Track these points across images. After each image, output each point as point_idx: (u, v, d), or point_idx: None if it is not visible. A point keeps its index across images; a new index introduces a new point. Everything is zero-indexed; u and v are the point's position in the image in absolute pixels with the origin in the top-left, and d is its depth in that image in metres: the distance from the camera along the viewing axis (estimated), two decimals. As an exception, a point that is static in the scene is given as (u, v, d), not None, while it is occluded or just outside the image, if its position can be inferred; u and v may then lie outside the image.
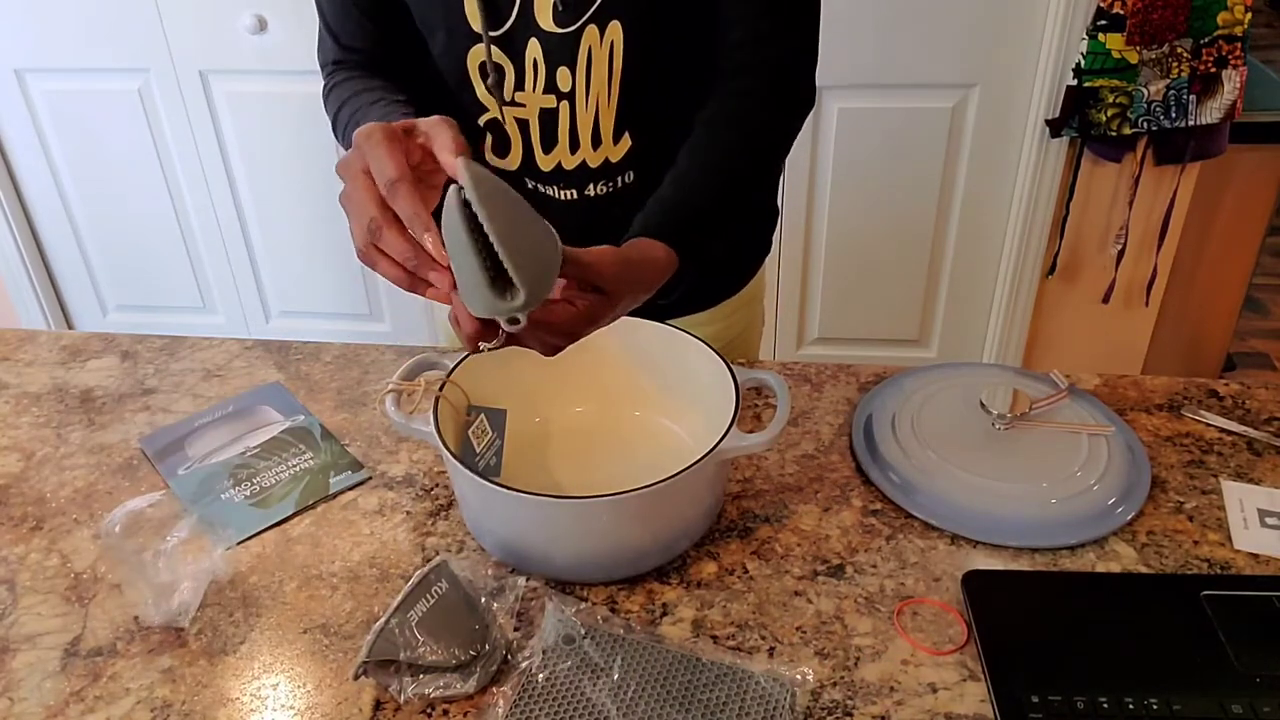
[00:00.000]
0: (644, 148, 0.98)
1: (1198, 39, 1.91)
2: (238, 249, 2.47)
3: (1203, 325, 2.38)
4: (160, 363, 1.15)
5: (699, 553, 0.87)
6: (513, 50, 0.92)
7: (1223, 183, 2.15)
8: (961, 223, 2.25)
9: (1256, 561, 0.85)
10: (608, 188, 0.99)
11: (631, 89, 0.94)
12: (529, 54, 0.91)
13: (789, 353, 2.46)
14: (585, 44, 0.90)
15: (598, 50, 0.91)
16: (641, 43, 0.91)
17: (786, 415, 0.83)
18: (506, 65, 0.92)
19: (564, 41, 0.90)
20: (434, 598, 0.76)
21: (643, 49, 0.91)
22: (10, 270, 2.53)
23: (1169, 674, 0.74)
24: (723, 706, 0.73)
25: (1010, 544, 0.86)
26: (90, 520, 0.92)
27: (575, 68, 0.92)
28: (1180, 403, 1.04)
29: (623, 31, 0.90)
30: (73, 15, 2.19)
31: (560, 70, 0.92)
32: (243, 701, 0.75)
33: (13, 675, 0.78)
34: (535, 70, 0.92)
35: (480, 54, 0.92)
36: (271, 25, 2.13)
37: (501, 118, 0.96)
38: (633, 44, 0.91)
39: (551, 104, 0.94)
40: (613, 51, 0.91)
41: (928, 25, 2.01)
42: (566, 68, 0.92)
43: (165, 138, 2.33)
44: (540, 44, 0.91)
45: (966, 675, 0.76)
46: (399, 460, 0.99)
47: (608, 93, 0.93)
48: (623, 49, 0.91)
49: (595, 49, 0.91)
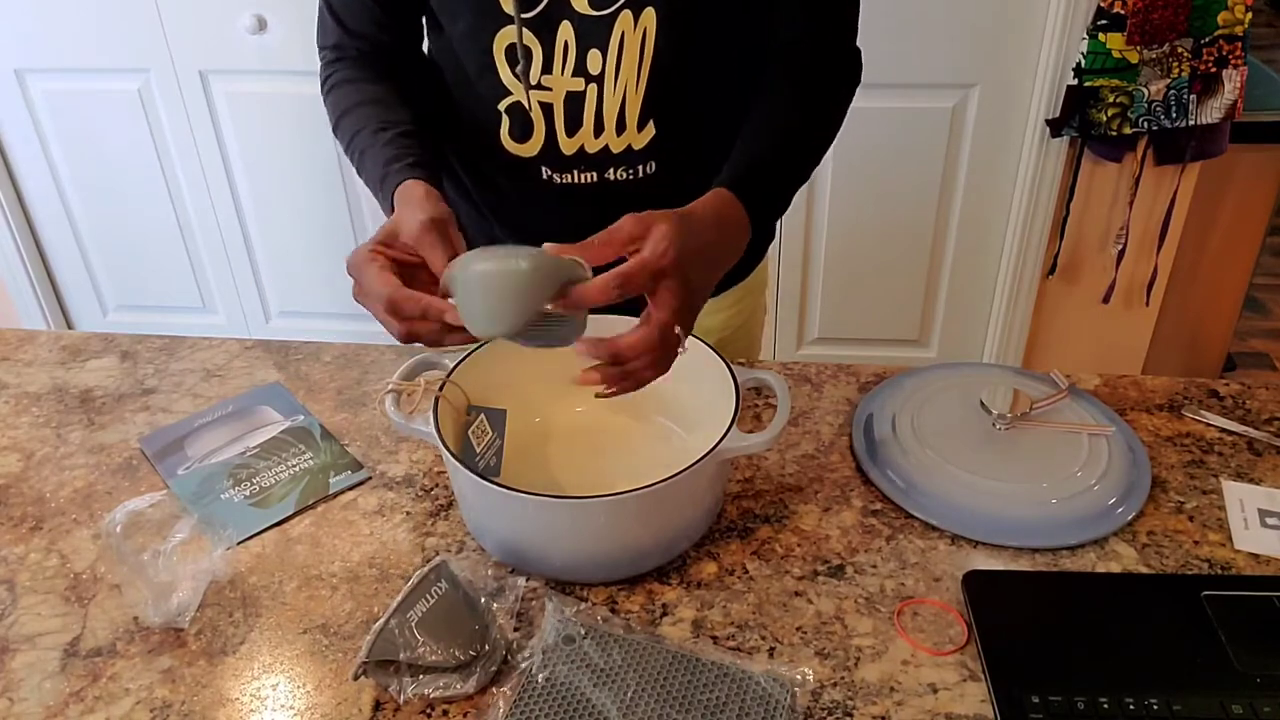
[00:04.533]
0: (667, 138, 0.97)
1: (1198, 39, 1.91)
2: (238, 249, 2.47)
3: (1203, 325, 2.38)
4: (160, 363, 1.15)
5: (699, 553, 0.87)
6: (543, 33, 0.91)
7: (1223, 183, 2.15)
8: (961, 223, 2.25)
9: (1257, 561, 0.85)
10: (628, 174, 0.99)
11: (660, 76, 0.93)
12: (560, 36, 0.91)
13: (789, 353, 2.46)
14: (619, 28, 0.90)
15: (630, 35, 0.90)
16: (674, 30, 0.91)
17: (786, 415, 0.83)
18: (535, 48, 0.92)
19: (597, 24, 0.90)
20: (434, 598, 0.76)
21: (675, 37, 0.91)
22: (10, 270, 2.53)
23: (1169, 674, 0.74)
24: (723, 706, 0.73)
25: (1010, 544, 0.86)
26: (90, 520, 0.92)
27: (606, 51, 0.91)
28: (1180, 403, 1.04)
29: (656, 18, 0.90)
30: (73, 15, 2.19)
31: (591, 53, 0.92)
32: (242, 701, 0.75)
33: (12, 675, 0.78)
34: (565, 53, 0.92)
35: (509, 36, 0.92)
36: (271, 25, 2.13)
37: (527, 101, 0.95)
38: (665, 31, 0.90)
39: (579, 87, 0.94)
40: (645, 37, 0.91)
41: (928, 25, 2.01)
42: (598, 50, 0.91)
43: (165, 138, 2.33)
44: (573, 26, 0.90)
45: (966, 675, 0.76)
46: (399, 460, 0.99)
47: (636, 78, 0.93)
48: (655, 35, 0.91)
49: (628, 34, 0.90)
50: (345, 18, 0.99)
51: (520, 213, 1.05)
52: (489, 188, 1.05)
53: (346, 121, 0.95)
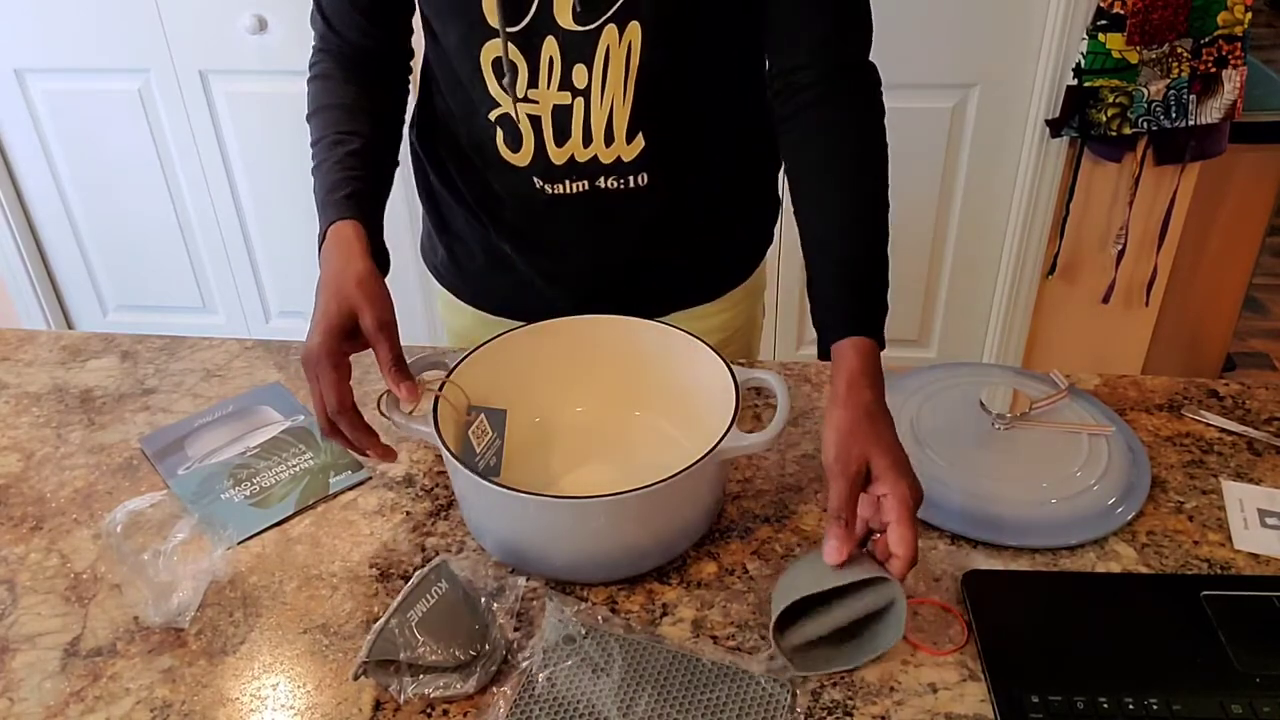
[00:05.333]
0: (657, 150, 0.97)
1: (1198, 39, 1.91)
2: (238, 249, 2.47)
3: (1203, 325, 2.38)
4: (160, 363, 1.15)
5: (699, 553, 0.87)
6: (529, 47, 0.91)
7: (1223, 183, 2.15)
8: (961, 223, 2.25)
9: (1256, 561, 0.85)
10: (620, 183, 0.99)
11: (647, 89, 0.93)
12: (545, 51, 0.91)
13: (789, 353, 2.46)
14: (603, 43, 0.90)
15: (615, 50, 0.90)
16: (660, 45, 0.91)
17: (786, 415, 0.83)
18: (520, 62, 0.92)
19: (582, 39, 0.90)
20: (434, 598, 0.76)
21: (661, 51, 0.91)
22: (10, 270, 2.53)
23: (1169, 674, 0.74)
24: (723, 706, 0.73)
25: (1010, 544, 0.86)
26: (90, 520, 0.92)
27: (592, 66, 0.91)
28: (1180, 403, 1.04)
29: (641, 33, 0.90)
30: (73, 15, 2.19)
31: (577, 67, 0.92)
32: (243, 701, 0.75)
33: (12, 675, 0.78)
34: (550, 68, 0.92)
35: (495, 49, 0.92)
36: (271, 25, 2.13)
37: (514, 114, 0.95)
38: (651, 45, 0.90)
39: (566, 100, 0.94)
40: (630, 52, 0.91)
41: (928, 25, 2.01)
42: (583, 65, 0.91)
43: (165, 138, 2.33)
44: (557, 41, 0.90)
45: (966, 675, 0.76)
46: (399, 460, 0.98)
47: (623, 92, 0.93)
48: (640, 50, 0.91)
49: (613, 48, 0.90)
50: (332, 18, 1.00)
51: (516, 220, 1.05)
52: (485, 194, 1.05)
53: (314, 122, 1.00)
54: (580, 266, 1.07)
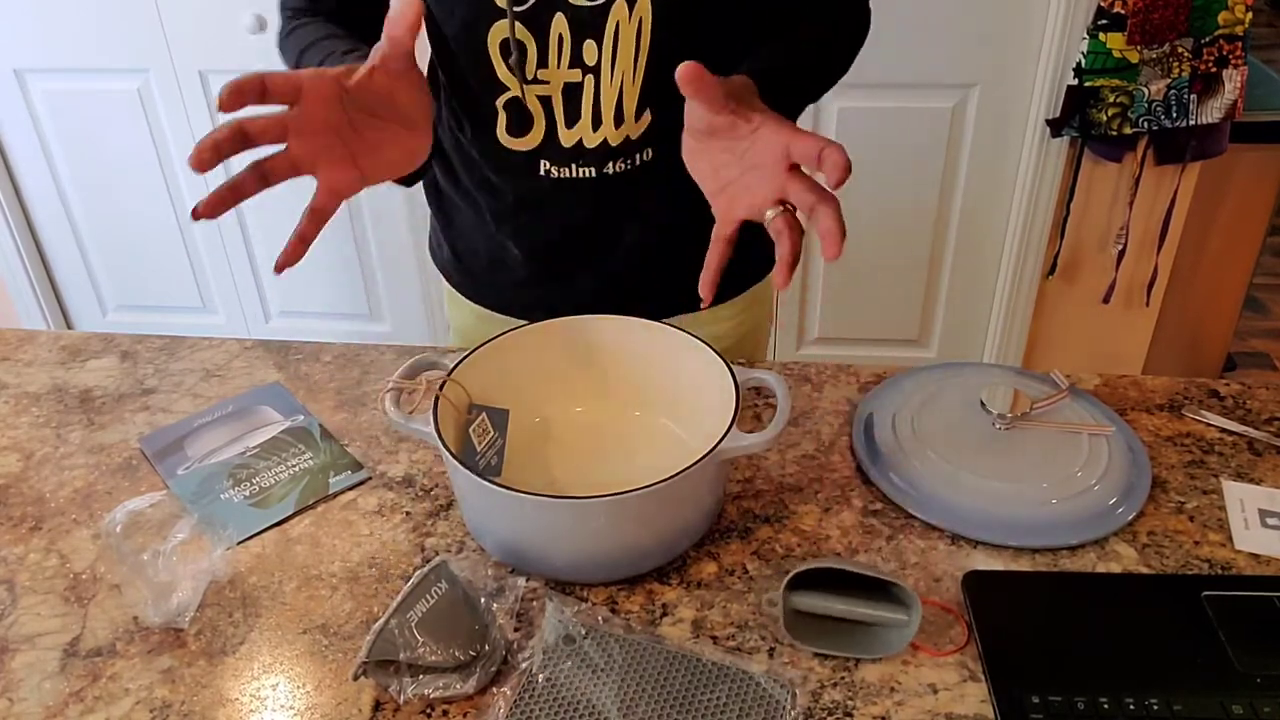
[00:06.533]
0: (664, 124, 0.97)
1: (1198, 38, 1.91)
2: (238, 249, 2.47)
3: (1203, 325, 2.38)
4: (160, 363, 1.15)
5: (699, 553, 0.87)
6: (537, 26, 0.91)
7: (1223, 182, 2.15)
8: (961, 223, 2.25)
9: (1257, 562, 0.85)
10: (626, 165, 0.99)
11: (658, 65, 0.93)
12: (554, 29, 0.91)
13: (789, 353, 2.46)
14: (614, 18, 0.90)
15: (625, 25, 0.90)
16: (670, 20, 0.91)
17: (786, 415, 0.83)
18: (529, 42, 0.92)
19: (591, 15, 0.90)
20: (434, 598, 0.76)
21: (671, 26, 0.91)
22: (10, 270, 2.53)
23: (1169, 674, 0.74)
24: (723, 707, 0.73)
25: (1010, 544, 0.86)
26: (90, 520, 0.92)
27: (602, 42, 0.91)
28: (1181, 403, 1.04)
29: (652, 8, 0.90)
30: (73, 15, 2.19)
31: (587, 43, 0.91)
32: (242, 702, 0.75)
33: (12, 675, 0.78)
34: (560, 45, 0.92)
35: (502, 31, 0.91)
36: (272, 25, 2.13)
37: (523, 96, 0.95)
38: (662, 20, 0.90)
39: (576, 78, 0.93)
40: (641, 27, 0.90)
41: (928, 25, 2.01)
42: (593, 41, 0.91)
43: (165, 138, 2.33)
44: (566, 18, 0.90)
45: (966, 675, 0.76)
46: (399, 460, 0.99)
47: (633, 69, 0.93)
48: (650, 25, 0.90)
49: (624, 24, 0.90)
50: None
51: (519, 214, 1.05)
52: (486, 189, 1.05)
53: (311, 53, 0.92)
54: (583, 264, 1.07)
